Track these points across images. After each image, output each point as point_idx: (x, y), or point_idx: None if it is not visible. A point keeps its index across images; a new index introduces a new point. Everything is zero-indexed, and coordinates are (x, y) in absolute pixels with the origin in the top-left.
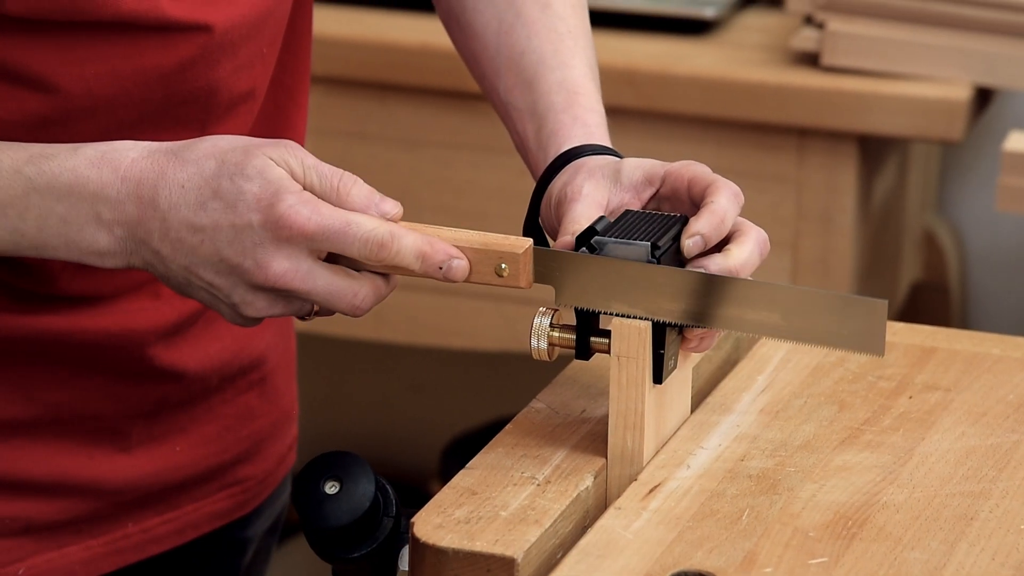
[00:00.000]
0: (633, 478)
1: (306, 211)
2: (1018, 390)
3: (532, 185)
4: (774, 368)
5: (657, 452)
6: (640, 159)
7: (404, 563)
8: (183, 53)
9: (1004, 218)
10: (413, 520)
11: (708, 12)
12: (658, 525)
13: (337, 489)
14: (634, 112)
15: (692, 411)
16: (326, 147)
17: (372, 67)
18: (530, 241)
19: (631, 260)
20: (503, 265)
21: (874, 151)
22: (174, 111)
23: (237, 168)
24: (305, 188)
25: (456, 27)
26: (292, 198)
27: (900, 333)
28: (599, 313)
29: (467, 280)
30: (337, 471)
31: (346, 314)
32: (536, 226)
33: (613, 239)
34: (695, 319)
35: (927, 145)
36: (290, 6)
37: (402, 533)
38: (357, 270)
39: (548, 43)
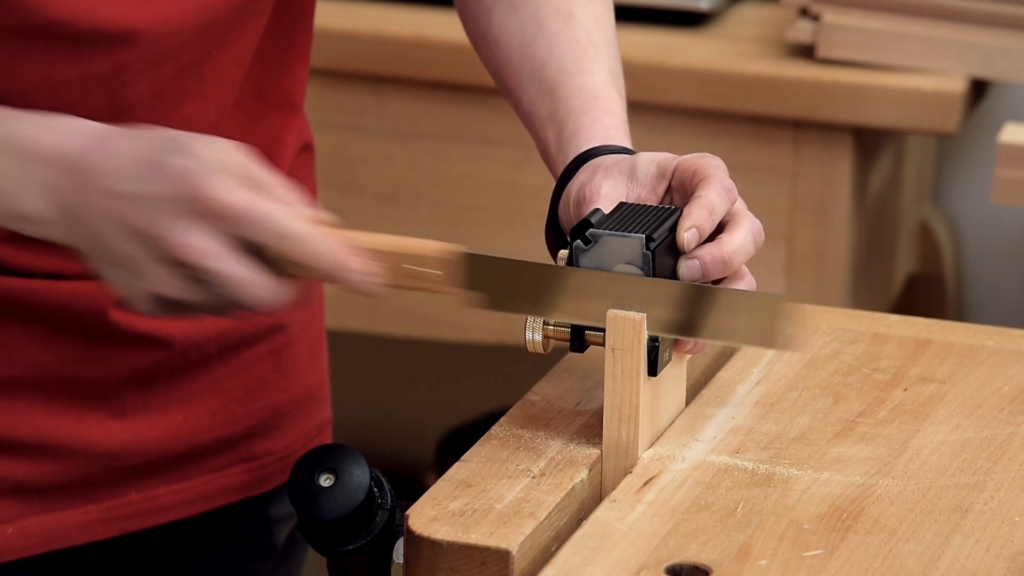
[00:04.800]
0: (628, 470)
1: (227, 190)
2: (1013, 382)
3: (529, 176)
4: (769, 360)
5: (652, 444)
6: (654, 153)
7: (399, 555)
8: (118, 58)
9: (999, 210)
10: (408, 512)
11: (703, 4)
12: (653, 517)
13: (332, 482)
14: (629, 104)
15: (687, 403)
16: (320, 140)
17: (367, 59)
18: (446, 245)
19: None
20: (423, 269)
21: (870, 143)
22: (123, 116)
23: (172, 144)
24: (236, 178)
25: (483, 44)
26: (216, 177)
27: (895, 325)
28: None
29: (391, 286)
30: (332, 463)
31: (251, 309)
32: (556, 227)
33: (608, 231)
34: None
35: (923, 137)
36: (254, 13)
37: (397, 525)
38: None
39: (569, 52)
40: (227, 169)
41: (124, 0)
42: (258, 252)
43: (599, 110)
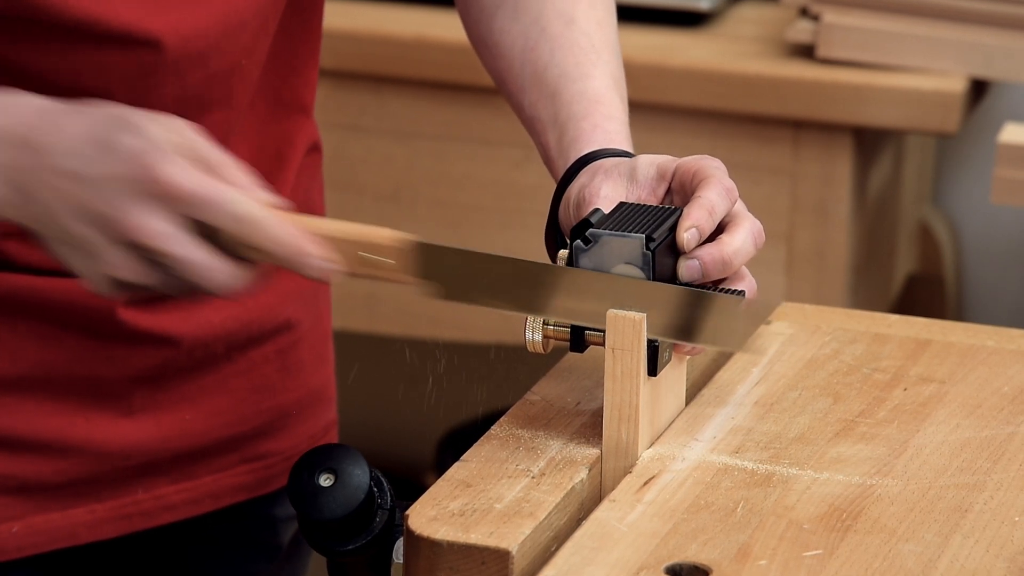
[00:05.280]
0: (628, 470)
1: (182, 173)
2: (1013, 382)
3: (529, 176)
4: (769, 360)
5: (652, 444)
6: (654, 155)
7: (399, 555)
8: (142, 62)
9: (999, 210)
10: (408, 512)
11: (703, 4)
12: (652, 517)
13: (332, 481)
14: (629, 105)
15: (687, 403)
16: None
17: (367, 59)
18: (400, 233)
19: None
20: (375, 257)
21: (869, 143)
22: None
23: (123, 123)
24: (188, 159)
25: (485, 48)
26: (170, 158)
27: (895, 325)
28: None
29: (344, 273)
30: (332, 463)
31: (208, 292)
32: (556, 229)
33: (608, 231)
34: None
35: (922, 137)
36: (273, 17)
37: (397, 525)
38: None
39: (571, 56)
40: (179, 149)
41: (145, 4)
42: (213, 235)
43: (600, 115)
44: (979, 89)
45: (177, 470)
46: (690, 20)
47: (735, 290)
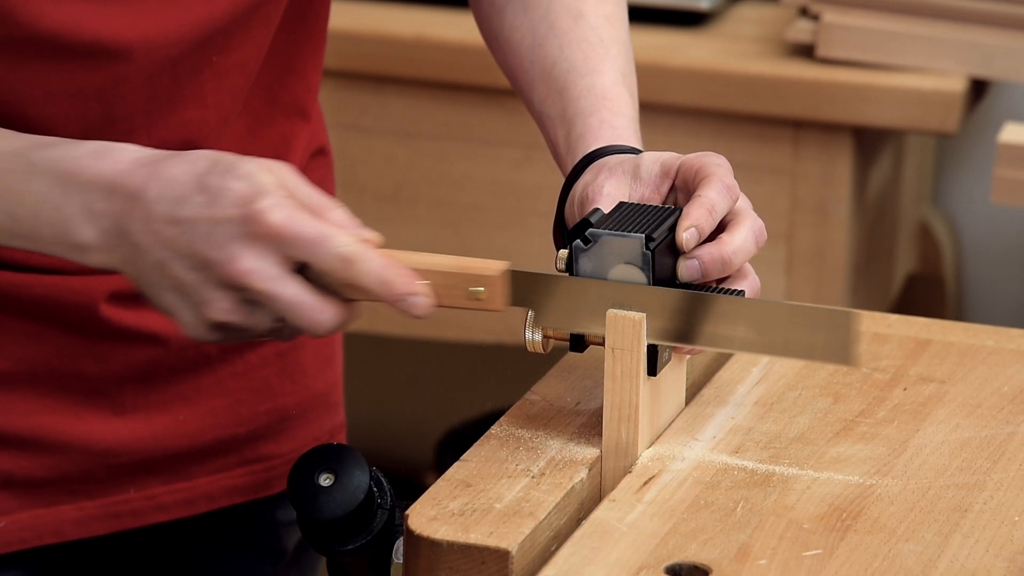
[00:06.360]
0: (627, 470)
1: (283, 213)
2: (1012, 382)
3: (528, 177)
4: (769, 360)
5: (652, 444)
6: (658, 152)
7: (398, 555)
8: (114, 70)
9: (999, 210)
10: (408, 512)
11: (703, 4)
12: (652, 517)
13: (332, 481)
14: None
15: (687, 403)
16: None
17: (367, 59)
18: (504, 264)
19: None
20: (478, 288)
21: (869, 143)
22: (117, 123)
23: (228, 167)
24: (290, 200)
25: (495, 44)
26: (272, 199)
27: (895, 325)
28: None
29: (439, 306)
30: (332, 463)
31: (307, 332)
32: (563, 226)
33: (607, 231)
34: (676, 337)
35: (922, 137)
36: (260, 20)
37: (397, 525)
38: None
39: (579, 52)
40: (281, 191)
41: (119, 13)
42: (316, 275)
43: (607, 110)
44: (979, 89)
45: (171, 470)
46: (690, 20)
47: (735, 289)
